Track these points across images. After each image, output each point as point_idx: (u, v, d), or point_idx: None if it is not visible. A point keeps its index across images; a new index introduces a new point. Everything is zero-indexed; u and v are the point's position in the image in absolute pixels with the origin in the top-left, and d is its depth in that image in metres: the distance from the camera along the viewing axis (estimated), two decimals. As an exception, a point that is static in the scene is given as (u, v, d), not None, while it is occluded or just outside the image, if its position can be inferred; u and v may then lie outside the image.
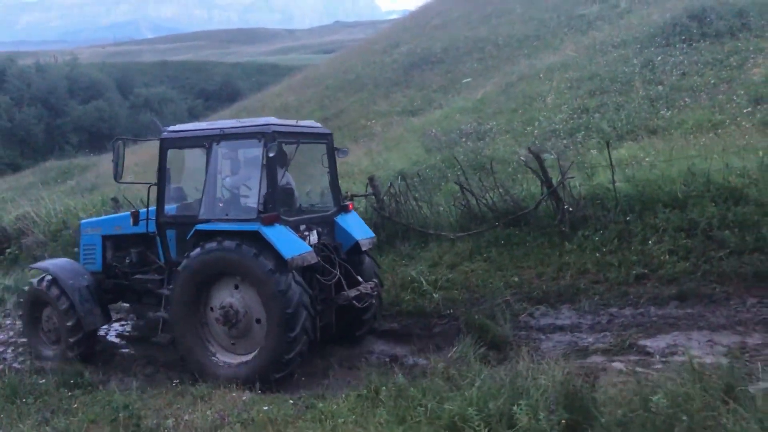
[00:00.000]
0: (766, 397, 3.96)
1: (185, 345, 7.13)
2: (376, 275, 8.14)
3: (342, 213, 8.04)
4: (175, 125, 7.80)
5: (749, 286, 7.57)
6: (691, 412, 3.84)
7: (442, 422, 4.47)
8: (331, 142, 8.03)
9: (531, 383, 4.49)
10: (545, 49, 25.15)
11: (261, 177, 6.93)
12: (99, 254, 8.48)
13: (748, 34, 17.47)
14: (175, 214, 7.67)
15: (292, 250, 6.68)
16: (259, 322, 6.86)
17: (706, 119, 12.62)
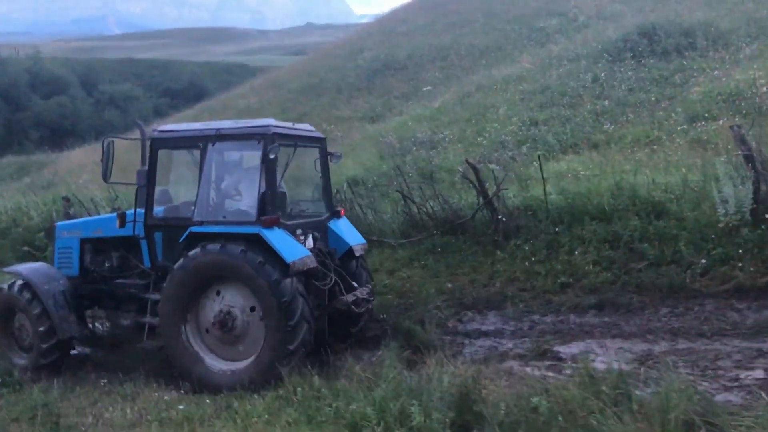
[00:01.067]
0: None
1: (175, 350, 6.90)
2: (369, 281, 8.12)
3: (334, 218, 7.97)
4: (164, 125, 7.63)
5: (664, 296, 7.97)
6: (566, 413, 4.14)
7: (345, 421, 4.71)
8: (325, 147, 7.97)
9: (429, 385, 4.75)
10: (504, 60, 25.66)
11: (260, 179, 6.79)
12: (76, 258, 8.11)
13: (694, 53, 18.17)
14: (165, 216, 7.45)
15: (293, 254, 6.58)
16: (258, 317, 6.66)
17: (644, 135, 13.12)
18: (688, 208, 8.70)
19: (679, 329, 7.21)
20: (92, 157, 36.21)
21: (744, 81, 14.13)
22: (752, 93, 13.20)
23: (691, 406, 4.48)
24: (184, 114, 37.62)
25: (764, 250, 7.87)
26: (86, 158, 36.40)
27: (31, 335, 7.79)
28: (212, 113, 34.10)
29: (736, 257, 7.92)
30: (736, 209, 8.12)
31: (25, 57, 67.77)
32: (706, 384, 5.80)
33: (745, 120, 12.39)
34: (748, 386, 5.65)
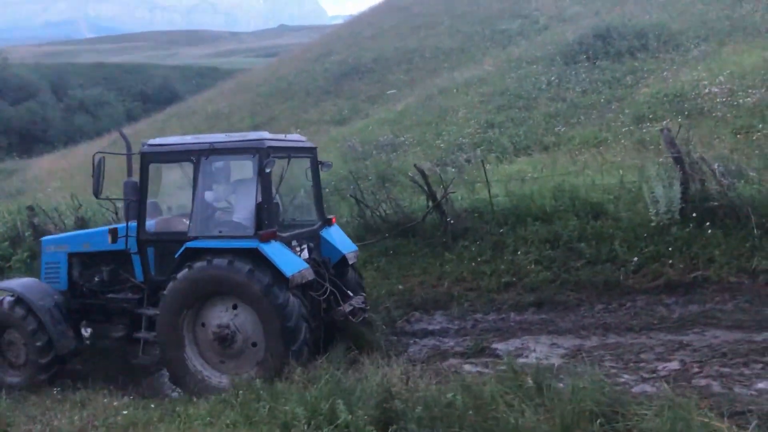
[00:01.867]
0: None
1: (172, 361, 6.85)
2: (362, 289, 8.12)
3: (326, 226, 7.93)
4: (154, 139, 7.49)
5: (599, 293, 8.36)
6: (477, 407, 4.47)
7: (278, 421, 4.99)
8: (316, 156, 7.93)
9: (360, 385, 5.06)
10: (468, 62, 26.11)
11: (256, 192, 6.75)
12: (64, 273, 7.96)
13: (646, 55, 18.74)
14: (157, 231, 7.36)
15: (292, 268, 6.55)
16: (255, 345, 6.69)
17: (592, 136, 13.57)
18: (624, 209, 9.11)
19: (610, 324, 7.60)
20: (61, 164, 36.05)
21: (689, 82, 14.67)
22: (695, 94, 13.71)
23: (598, 397, 4.85)
24: (153, 119, 37.61)
25: (692, 247, 8.30)
26: (55, 165, 36.19)
27: (24, 352, 7.61)
28: (181, 118, 34.23)
29: (666, 255, 8.33)
30: (666, 209, 8.54)
31: (-8, 62, 66.87)
32: (626, 376, 6.19)
33: (687, 120, 12.91)
34: (664, 377, 6.05)
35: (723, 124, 12.07)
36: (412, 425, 4.52)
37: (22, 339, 7.59)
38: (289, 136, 7.63)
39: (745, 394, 5.45)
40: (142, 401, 6.34)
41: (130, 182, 7.35)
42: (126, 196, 7.24)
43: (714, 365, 6.14)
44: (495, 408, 4.44)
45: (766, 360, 6.05)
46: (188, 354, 6.83)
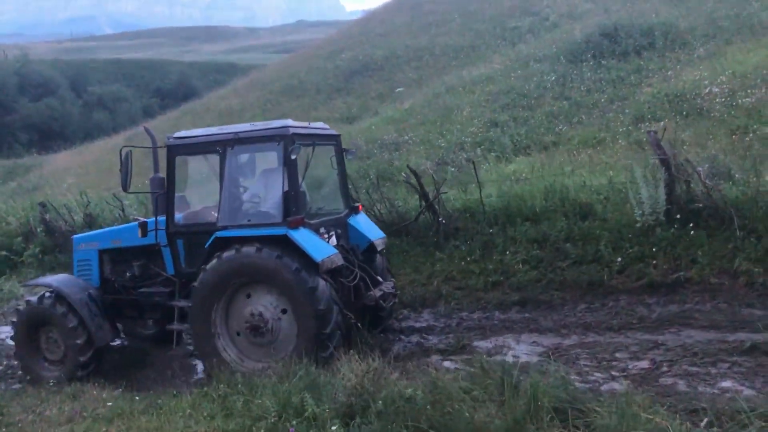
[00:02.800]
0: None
1: (206, 351, 6.92)
2: (391, 274, 8.16)
3: (353, 214, 7.99)
4: (179, 132, 7.56)
5: (583, 293, 8.49)
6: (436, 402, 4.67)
7: (251, 414, 5.23)
8: (340, 144, 7.98)
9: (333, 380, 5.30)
10: (478, 60, 26.21)
11: (282, 180, 6.82)
12: (96, 270, 8.08)
13: (652, 53, 18.74)
14: (186, 223, 7.47)
15: (322, 253, 6.63)
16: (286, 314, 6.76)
17: (591, 136, 13.65)
18: (611, 210, 9.22)
19: (591, 323, 7.74)
20: (77, 160, 36.71)
21: (690, 82, 14.69)
22: (695, 94, 13.72)
23: (559, 394, 5.03)
24: (167, 116, 38.11)
25: (676, 248, 8.40)
26: (71, 161, 36.86)
27: (62, 347, 7.70)
28: (194, 115, 34.65)
29: (650, 255, 8.43)
30: (651, 210, 8.64)
31: (13, 59, 67.96)
32: (598, 374, 6.36)
33: (686, 121, 12.98)
34: (633, 376, 6.20)
35: (719, 124, 12.10)
36: (373, 419, 4.73)
37: (61, 335, 7.67)
38: (313, 124, 7.67)
39: (707, 392, 5.59)
40: (128, 393, 6.60)
41: (157, 177, 7.50)
42: (153, 190, 7.43)
43: (683, 364, 6.28)
44: (451, 403, 4.63)
45: (733, 360, 6.18)
46: (222, 343, 6.91)
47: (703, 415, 4.90)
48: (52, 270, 14.99)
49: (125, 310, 8.00)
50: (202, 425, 5.30)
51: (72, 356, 7.60)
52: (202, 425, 5.30)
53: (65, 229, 15.92)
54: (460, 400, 4.72)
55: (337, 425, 4.73)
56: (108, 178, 29.07)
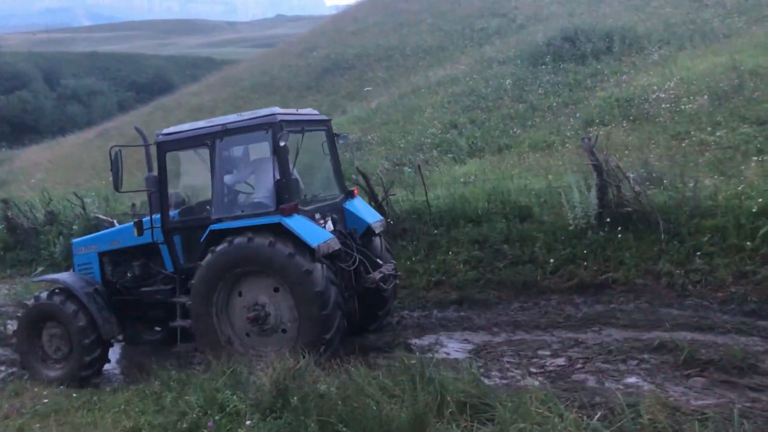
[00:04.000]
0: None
1: (209, 345, 6.91)
2: (392, 256, 8.22)
3: (349, 199, 8.01)
4: (167, 128, 7.53)
5: (518, 292, 8.89)
6: (346, 397, 5.00)
7: (180, 409, 5.51)
8: (331, 129, 7.95)
9: (252, 376, 5.60)
10: (446, 61, 26.54)
11: (273, 168, 6.81)
12: (97, 272, 8.09)
13: (610, 58, 19.18)
14: (181, 218, 7.54)
15: (317, 238, 6.63)
16: (284, 332, 6.84)
17: (542, 140, 14.04)
18: (548, 212, 9.61)
19: (521, 322, 8.12)
20: (47, 155, 36.50)
21: (641, 87, 15.15)
22: (643, 99, 14.18)
23: (468, 389, 5.39)
24: (139, 111, 38.03)
25: (605, 250, 8.82)
26: (41, 156, 36.63)
27: (69, 346, 7.65)
28: (166, 111, 34.64)
29: (581, 257, 8.85)
30: (583, 214, 9.04)
31: (-16, 51, 67.05)
32: (517, 371, 6.73)
33: (632, 125, 13.43)
34: (549, 372, 6.59)
35: (662, 130, 12.56)
36: (289, 414, 5.04)
37: (68, 333, 7.61)
38: (301, 110, 7.66)
39: (612, 388, 5.97)
40: (68, 390, 6.84)
41: (152, 176, 7.49)
42: (149, 189, 7.38)
43: (597, 361, 6.67)
44: (362, 398, 4.96)
45: (642, 357, 6.58)
46: (225, 336, 6.95)
47: (598, 409, 5.27)
48: (12, 267, 15.12)
49: (129, 311, 7.93)
50: (132, 420, 5.57)
51: (77, 355, 7.55)
52: (132, 420, 5.57)
53: (27, 227, 16.04)
54: (369, 396, 5.02)
55: (255, 420, 5.02)
56: (76, 174, 29.06)
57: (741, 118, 11.97)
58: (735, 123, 11.81)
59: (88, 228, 14.52)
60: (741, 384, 5.73)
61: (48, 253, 14.67)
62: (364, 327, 8.07)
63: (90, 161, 31.05)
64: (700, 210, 8.64)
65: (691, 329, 7.12)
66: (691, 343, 6.65)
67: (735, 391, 5.64)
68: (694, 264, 8.17)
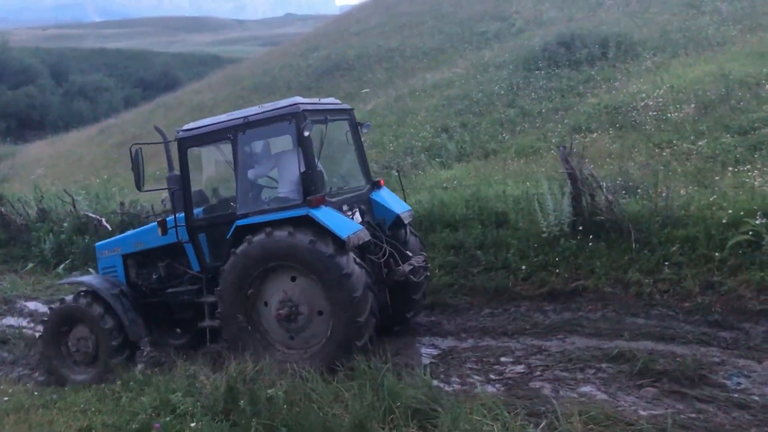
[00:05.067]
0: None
1: (239, 342, 6.74)
2: (423, 247, 8.09)
3: (375, 189, 7.82)
4: (187, 124, 7.40)
5: (489, 299, 8.94)
6: (292, 401, 5.10)
7: (132, 409, 5.62)
8: (354, 118, 7.76)
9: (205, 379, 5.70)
10: (444, 63, 26.57)
11: (298, 159, 6.63)
12: (122, 275, 8.00)
13: (605, 64, 19.17)
14: (206, 216, 7.40)
15: (347, 230, 6.46)
16: (321, 314, 6.63)
17: (529, 145, 14.08)
18: (523, 219, 9.66)
19: (489, 328, 8.17)
20: (49, 151, 36.80)
21: (630, 94, 15.15)
22: (631, 107, 14.19)
23: (417, 395, 5.47)
24: (140, 109, 38.27)
25: (577, 258, 8.86)
26: (44, 152, 36.94)
27: (95, 349, 7.59)
28: (167, 108, 34.83)
29: (553, 264, 8.89)
30: (556, 221, 9.10)
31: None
32: (476, 377, 6.79)
33: (618, 133, 13.45)
34: (507, 379, 6.65)
35: (647, 138, 12.57)
36: (238, 416, 5.14)
37: (95, 336, 7.57)
38: (324, 100, 7.51)
39: (566, 396, 6.03)
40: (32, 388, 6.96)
41: (174, 175, 7.42)
42: (171, 188, 7.28)
43: (556, 369, 6.71)
44: (308, 403, 5.05)
45: (600, 366, 6.62)
46: (256, 334, 6.80)
47: (544, 417, 5.33)
48: (4, 263, 15.29)
49: (155, 314, 7.81)
50: (88, 420, 5.67)
51: (104, 359, 7.47)
52: (88, 420, 5.67)
53: (20, 223, 16.21)
54: (313, 401, 5.11)
55: (204, 422, 5.11)
56: (76, 171, 29.28)
57: (725, 127, 11.98)
58: (718, 132, 11.82)
59: (78, 226, 14.70)
60: (690, 395, 5.77)
61: (39, 250, 14.82)
62: (390, 327, 7.80)
63: (90, 158, 31.31)
64: (672, 220, 8.67)
65: (653, 339, 7.15)
66: (650, 353, 6.69)
67: (683, 402, 5.69)
68: (663, 273, 8.20)
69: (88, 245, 13.92)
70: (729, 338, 7.05)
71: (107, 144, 32.41)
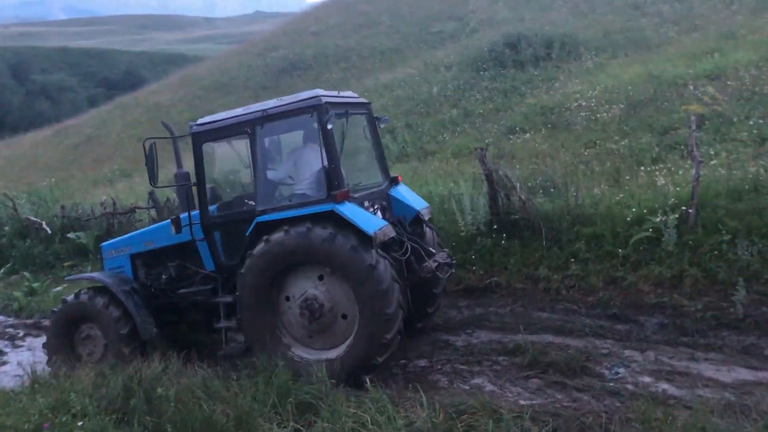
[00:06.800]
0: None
1: (258, 340, 6.58)
2: (441, 244, 7.91)
3: (393, 186, 7.68)
4: (202, 118, 7.12)
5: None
6: (179, 399, 5.31)
7: (33, 411, 5.77)
8: (371, 112, 7.56)
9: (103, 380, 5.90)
10: (400, 63, 26.89)
11: (321, 153, 6.37)
12: (130, 276, 7.73)
13: (548, 64, 19.62)
14: (222, 213, 7.15)
15: (373, 226, 6.28)
16: (345, 317, 6.44)
17: (465, 146, 14.41)
18: (445, 218, 9.96)
19: (405, 325, 8.44)
20: (6, 152, 36.29)
21: (566, 95, 15.59)
22: (565, 108, 14.61)
23: (311, 390, 5.74)
24: (98, 110, 37.87)
25: (493, 256, 9.20)
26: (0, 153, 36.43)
27: (104, 343, 7.32)
28: (124, 109, 34.59)
29: (470, 262, 9.22)
30: (473, 220, 9.42)
31: (-50, 44, 66.27)
32: (381, 372, 7.05)
33: (551, 133, 13.85)
34: (408, 373, 6.94)
35: (576, 138, 12.98)
36: (130, 415, 5.34)
37: (102, 328, 7.32)
38: (343, 93, 7.28)
39: (458, 388, 6.34)
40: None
41: (181, 172, 7.25)
42: (178, 184, 7.09)
43: (456, 363, 7.02)
44: (196, 400, 5.27)
45: (497, 359, 6.94)
46: (273, 329, 6.61)
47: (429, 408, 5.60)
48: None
49: (165, 315, 7.56)
50: (-9, 420, 5.81)
51: (116, 349, 7.17)
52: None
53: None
54: (200, 399, 5.34)
55: (94, 421, 5.29)
56: (31, 173, 28.98)
57: (648, 127, 12.44)
58: (641, 132, 12.27)
59: (20, 229, 14.66)
60: (570, 385, 6.11)
61: (-21, 254, 14.76)
62: (412, 324, 7.60)
63: (45, 159, 30.98)
64: (581, 218, 9.04)
65: (553, 332, 7.51)
66: (545, 345, 7.04)
67: (563, 391, 6.03)
68: (570, 270, 8.57)
69: (28, 249, 13.94)
70: (623, 330, 7.44)
71: (63, 145, 32.09)
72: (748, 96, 12.32)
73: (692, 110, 11.97)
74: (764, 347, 6.73)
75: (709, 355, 6.63)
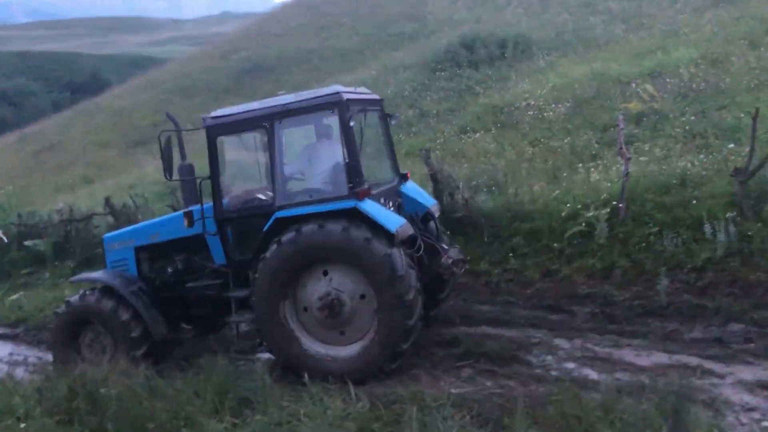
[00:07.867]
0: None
1: (270, 331, 6.59)
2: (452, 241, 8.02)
3: (403, 182, 7.76)
4: (215, 111, 7.06)
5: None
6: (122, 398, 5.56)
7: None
8: (384, 109, 7.64)
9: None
10: (360, 65, 27.11)
11: (342, 149, 6.40)
12: (133, 269, 7.62)
13: (502, 64, 20.04)
14: (237, 207, 7.07)
15: (394, 223, 6.32)
16: (363, 297, 6.42)
17: (419, 146, 14.69)
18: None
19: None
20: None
21: (516, 94, 16.02)
22: (514, 107, 15.03)
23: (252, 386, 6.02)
24: (60, 115, 37.53)
25: (439, 253, 9.54)
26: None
27: (113, 347, 7.18)
28: (86, 114, 34.34)
29: (415, 260, 9.54)
30: (419, 219, 9.75)
31: None
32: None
33: (500, 132, 14.26)
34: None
35: (523, 137, 13.41)
36: (74, 414, 5.56)
37: (110, 332, 7.17)
38: (358, 89, 7.26)
39: (395, 379, 6.60)
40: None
41: (186, 165, 7.21)
42: (183, 179, 7.09)
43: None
44: (137, 398, 5.52)
45: (435, 350, 7.27)
46: (287, 320, 6.58)
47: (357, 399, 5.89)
48: None
49: (170, 309, 7.44)
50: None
51: (127, 352, 6.99)
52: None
53: None
54: (141, 397, 5.59)
55: (36, 423, 5.50)
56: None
57: (591, 125, 12.91)
58: (584, 129, 12.74)
59: (-24, 238, 14.64)
60: (499, 373, 6.49)
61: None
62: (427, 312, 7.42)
63: (7, 166, 30.64)
64: (520, 214, 9.44)
65: (491, 324, 7.90)
66: (481, 336, 7.41)
67: (492, 379, 6.40)
68: (510, 264, 8.97)
69: (-15, 257, 13.96)
70: (556, 320, 7.86)
71: (25, 152, 31.78)
72: (685, 93, 12.85)
73: (631, 107, 12.50)
74: (684, 332, 7.17)
75: (632, 342, 7.05)
